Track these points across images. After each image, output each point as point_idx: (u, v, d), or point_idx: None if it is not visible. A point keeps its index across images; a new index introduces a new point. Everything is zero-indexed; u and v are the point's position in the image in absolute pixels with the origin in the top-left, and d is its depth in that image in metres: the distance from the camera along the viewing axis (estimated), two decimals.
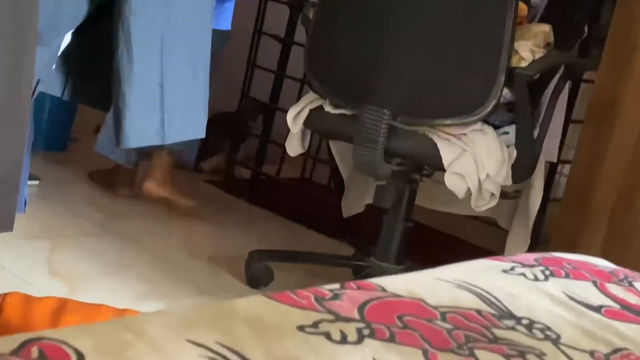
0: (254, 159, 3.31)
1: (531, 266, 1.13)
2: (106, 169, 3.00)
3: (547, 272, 1.11)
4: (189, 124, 1.83)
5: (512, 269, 1.11)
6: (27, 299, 1.51)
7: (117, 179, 2.95)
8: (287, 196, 3.20)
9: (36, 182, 2.81)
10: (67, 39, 1.70)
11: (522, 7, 2.24)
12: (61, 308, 1.51)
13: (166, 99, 1.73)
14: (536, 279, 1.08)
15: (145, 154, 2.81)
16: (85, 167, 3.11)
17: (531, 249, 2.49)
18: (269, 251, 2.55)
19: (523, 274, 1.09)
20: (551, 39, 2.28)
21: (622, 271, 1.18)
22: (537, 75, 2.20)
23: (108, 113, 1.80)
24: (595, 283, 1.11)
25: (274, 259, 2.49)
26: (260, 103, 3.30)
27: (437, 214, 2.69)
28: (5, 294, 1.51)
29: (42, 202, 2.71)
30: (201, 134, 1.86)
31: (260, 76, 3.28)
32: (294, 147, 2.40)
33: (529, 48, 2.19)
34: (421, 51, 2.19)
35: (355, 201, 2.70)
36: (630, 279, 1.14)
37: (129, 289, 2.24)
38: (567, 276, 1.11)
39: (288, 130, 2.38)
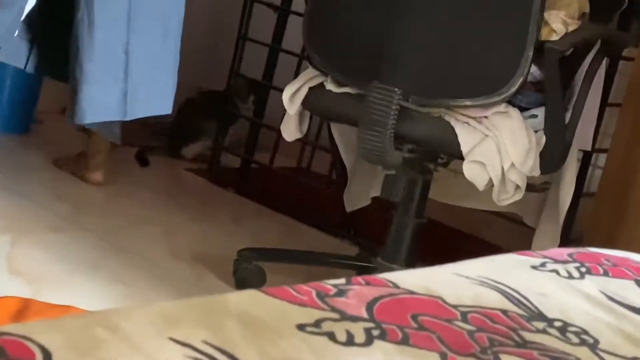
0: (243, 144, 3.32)
1: (565, 262, 1.14)
2: (74, 155, 3.00)
3: (583, 269, 1.12)
4: (155, 97, 1.85)
5: (543, 265, 1.12)
6: None
7: (87, 164, 2.95)
8: (282, 188, 3.22)
9: None
10: (31, 2, 1.71)
11: None
12: (24, 309, 1.51)
13: (131, 68, 1.74)
14: (570, 276, 1.09)
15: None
16: (50, 152, 3.12)
17: (562, 244, 2.51)
18: (261, 250, 2.56)
19: (555, 271, 1.10)
20: (587, 9, 2.29)
21: None
22: (570, 51, 2.21)
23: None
24: (638, 282, 1.12)
25: (266, 259, 2.51)
26: (252, 81, 3.31)
27: (454, 209, 2.70)
28: None
29: (2, 191, 2.72)
30: (167, 109, 1.88)
31: (252, 50, 3.29)
32: (290, 130, 2.41)
33: (561, 19, 2.20)
34: (438, 22, 2.20)
35: (361, 193, 2.71)
36: None
37: (101, 292, 2.25)
38: (605, 274, 1.12)
39: (284, 111, 2.39)
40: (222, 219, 2.96)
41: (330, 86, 2.30)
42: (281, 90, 2.39)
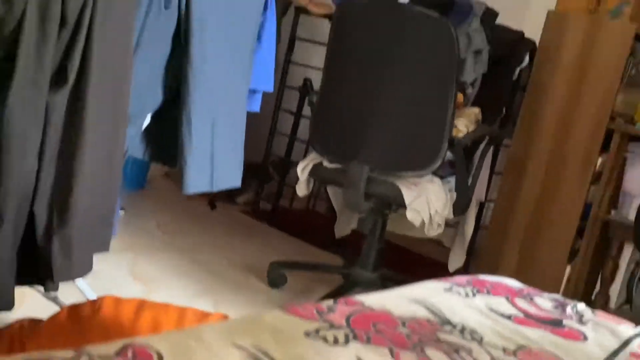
0: (274, 195, 3.33)
1: (464, 286, 1.14)
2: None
3: (475, 291, 1.12)
4: (230, 173, 1.84)
5: (451, 288, 1.12)
6: (117, 300, 1.50)
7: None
8: (297, 222, 3.20)
9: (122, 212, 2.82)
10: (147, 119, 1.72)
11: (460, 96, 2.27)
12: (142, 306, 1.50)
13: (215, 159, 1.74)
14: (467, 295, 1.09)
15: None
16: (157, 201, 3.12)
17: (465, 262, 2.50)
18: (284, 262, 2.55)
19: (458, 292, 1.10)
20: (480, 117, 2.31)
21: (526, 289, 1.19)
22: (470, 142, 2.24)
23: (175, 168, 1.81)
24: (507, 298, 1.12)
25: (287, 268, 2.49)
26: (279, 157, 3.32)
27: (402, 236, 2.70)
28: (101, 297, 1.50)
29: (127, 226, 2.71)
30: (238, 182, 1.87)
31: (279, 139, 3.31)
32: (301, 190, 2.40)
33: (464, 124, 2.22)
34: (390, 125, 2.19)
35: (344, 227, 2.71)
36: (531, 295, 1.15)
37: (187, 289, 2.23)
38: (488, 293, 1.12)
39: (297, 177, 2.39)
40: (260, 241, 2.94)
41: (326, 164, 2.30)
42: (296, 165, 2.38)
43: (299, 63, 3.17)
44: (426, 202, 2.16)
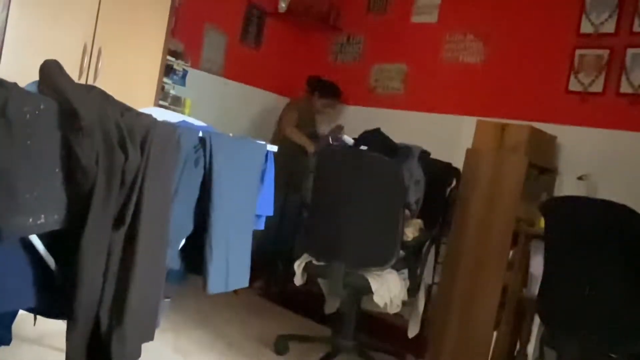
0: (282, 281, 3.29)
1: None
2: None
3: None
4: (240, 276, 1.80)
5: None
6: None
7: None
8: (298, 302, 3.16)
9: (169, 300, 2.76)
10: (182, 242, 1.73)
11: (407, 212, 2.33)
12: None
13: (229, 265, 1.73)
14: None
15: None
16: (195, 292, 3.06)
17: (421, 329, 2.46)
18: (288, 334, 2.50)
19: None
20: (422, 226, 2.35)
21: None
22: (417, 244, 2.28)
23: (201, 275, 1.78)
24: None
25: (290, 339, 2.45)
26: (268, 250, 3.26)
27: (374, 310, 2.67)
28: None
29: (171, 310, 2.66)
30: (246, 283, 1.80)
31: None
32: (298, 280, 2.40)
33: (411, 231, 2.27)
34: (360, 234, 2.22)
35: (332, 306, 2.68)
36: None
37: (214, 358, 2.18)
38: None
39: (293, 273, 2.39)
40: (271, 317, 2.87)
41: (314, 262, 2.32)
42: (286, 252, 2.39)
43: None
44: (387, 289, 2.18)
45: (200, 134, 1.62)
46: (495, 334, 2.33)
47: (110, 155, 1.29)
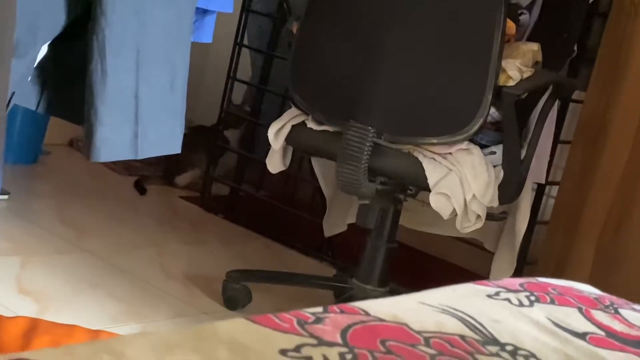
0: (232, 174, 3.32)
1: (516, 291, 1.15)
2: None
3: (532, 298, 1.13)
4: (164, 138, 1.84)
5: (497, 294, 1.13)
6: None
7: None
8: (267, 214, 3.21)
9: (6, 197, 2.81)
10: (43, 50, 1.71)
11: (510, 25, 2.27)
12: (32, 329, 1.52)
13: (141, 111, 1.73)
14: (521, 304, 1.11)
15: None
16: (57, 181, 3.12)
17: (517, 272, 2.52)
18: (248, 271, 2.55)
19: (508, 299, 1.11)
20: (540, 58, 2.30)
21: (608, 298, 1.20)
22: (525, 95, 2.23)
23: (82, 125, 1.81)
24: (580, 309, 1.13)
25: (252, 280, 2.50)
26: (241, 118, 3.32)
27: (422, 235, 2.71)
28: None
29: (12, 217, 2.72)
30: (177, 149, 1.86)
31: (241, 89, 3.30)
32: (275, 164, 2.42)
33: (517, 67, 2.22)
34: (408, 68, 2.21)
35: (338, 220, 2.71)
36: (616, 306, 1.16)
37: (102, 310, 2.24)
38: (552, 302, 1.13)
39: (269, 146, 2.39)
40: (213, 242, 2.95)
41: (311, 124, 2.31)
42: (267, 127, 2.40)
43: None
44: (459, 182, 2.18)
45: None
46: None
47: None
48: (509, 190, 2.25)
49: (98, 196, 3.13)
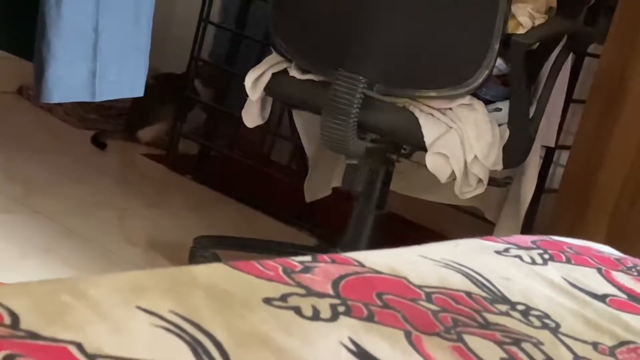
0: (202, 130, 3.31)
1: (528, 248, 1.16)
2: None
3: (546, 256, 1.14)
4: (126, 78, 1.83)
5: (507, 250, 1.14)
6: None
7: None
8: (240, 176, 3.19)
9: None
10: None
11: None
12: None
13: (100, 46, 1.73)
14: (534, 262, 1.11)
15: None
16: (3, 133, 3.09)
17: None
18: (218, 237, 2.56)
19: (519, 257, 1.12)
20: (554, 4, 2.31)
21: (630, 260, 1.21)
22: (537, 45, 2.23)
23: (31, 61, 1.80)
24: (600, 270, 1.14)
25: (223, 247, 2.51)
26: (214, 66, 3.30)
27: (415, 203, 2.71)
28: None
29: None
30: (139, 91, 1.86)
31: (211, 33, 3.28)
32: (252, 117, 2.41)
33: (528, 12, 2.22)
34: (405, 12, 2.21)
35: (321, 183, 2.71)
36: (639, 268, 1.17)
37: (51, 276, 2.21)
38: (568, 261, 1.14)
39: (245, 98, 2.38)
40: (179, 205, 2.95)
41: (294, 72, 2.30)
42: (243, 77, 2.38)
43: None
44: (460, 142, 2.18)
45: None
46: None
47: None
48: (514, 153, 2.26)
49: (50, 151, 3.10)
